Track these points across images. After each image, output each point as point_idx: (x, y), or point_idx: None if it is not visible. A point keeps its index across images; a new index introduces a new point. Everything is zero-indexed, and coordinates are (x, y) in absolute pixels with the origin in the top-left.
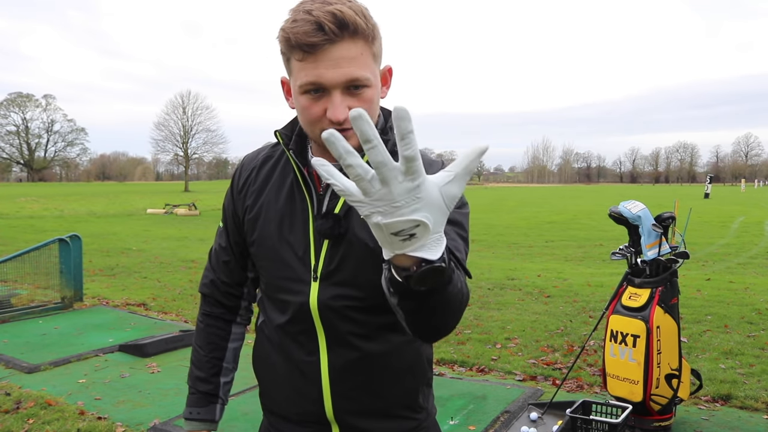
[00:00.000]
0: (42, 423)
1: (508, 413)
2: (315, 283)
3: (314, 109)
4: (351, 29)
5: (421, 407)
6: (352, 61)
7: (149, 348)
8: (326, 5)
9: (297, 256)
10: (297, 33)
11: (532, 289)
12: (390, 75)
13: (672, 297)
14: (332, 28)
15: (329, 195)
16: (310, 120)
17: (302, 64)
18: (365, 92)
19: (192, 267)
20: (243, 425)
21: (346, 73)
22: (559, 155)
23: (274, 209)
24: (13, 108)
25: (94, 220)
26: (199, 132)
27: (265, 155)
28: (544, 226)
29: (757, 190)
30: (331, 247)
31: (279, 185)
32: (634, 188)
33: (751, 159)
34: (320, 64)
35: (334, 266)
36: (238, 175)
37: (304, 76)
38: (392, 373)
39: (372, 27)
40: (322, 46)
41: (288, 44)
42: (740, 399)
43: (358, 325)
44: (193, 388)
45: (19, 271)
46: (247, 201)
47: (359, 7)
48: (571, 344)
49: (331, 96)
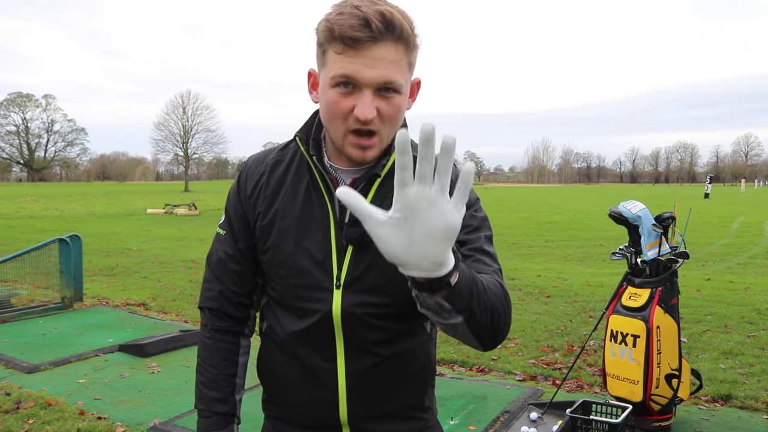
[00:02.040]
0: (42, 423)
1: (508, 413)
2: (338, 290)
3: (343, 103)
4: (397, 32)
5: (428, 407)
6: (391, 64)
7: (149, 348)
8: (375, 5)
9: (317, 264)
10: (342, 25)
11: (532, 289)
12: (418, 88)
13: (672, 297)
14: (379, 27)
15: None
16: (335, 114)
17: (340, 56)
18: (395, 98)
19: (192, 267)
20: (243, 425)
21: (383, 74)
22: (559, 155)
23: (291, 215)
24: (13, 108)
25: (94, 220)
26: (199, 132)
27: (275, 159)
28: (544, 226)
29: (757, 190)
30: (356, 254)
31: (293, 190)
32: (634, 188)
33: (751, 159)
34: (359, 60)
35: (358, 273)
36: (244, 180)
37: (339, 68)
38: (405, 375)
39: (415, 36)
40: (365, 42)
41: (330, 35)
42: (740, 399)
43: (378, 332)
44: (209, 410)
45: (19, 271)
46: (259, 207)
47: (407, 15)
48: (571, 344)
49: (362, 94)
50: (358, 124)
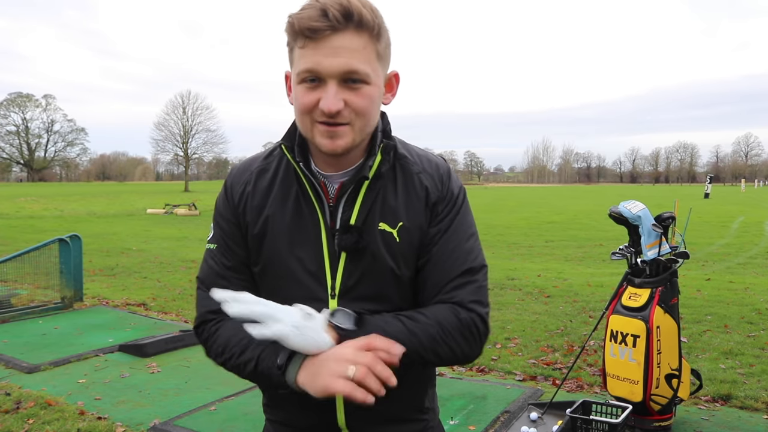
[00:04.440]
0: (42, 423)
1: (508, 413)
2: (333, 300)
3: (308, 97)
4: (356, 20)
5: (428, 408)
6: (354, 52)
7: (149, 348)
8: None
9: (310, 273)
10: (302, 18)
11: (532, 289)
12: (396, 81)
13: (672, 297)
14: (336, 15)
15: (342, 207)
16: (302, 109)
17: (303, 51)
18: (364, 89)
19: (192, 267)
20: (243, 425)
21: (345, 63)
22: (559, 155)
23: (281, 225)
24: (13, 108)
25: (94, 220)
26: (199, 132)
27: (259, 168)
28: (544, 226)
29: (757, 190)
30: (350, 261)
31: (282, 199)
32: (634, 188)
33: (751, 159)
34: (319, 51)
35: (353, 282)
36: (229, 192)
37: (302, 63)
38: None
39: (378, 24)
40: (323, 32)
41: (292, 30)
42: (740, 399)
43: None
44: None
45: (19, 271)
46: (247, 217)
47: (369, 4)
48: (571, 344)
49: (327, 86)
50: (325, 117)
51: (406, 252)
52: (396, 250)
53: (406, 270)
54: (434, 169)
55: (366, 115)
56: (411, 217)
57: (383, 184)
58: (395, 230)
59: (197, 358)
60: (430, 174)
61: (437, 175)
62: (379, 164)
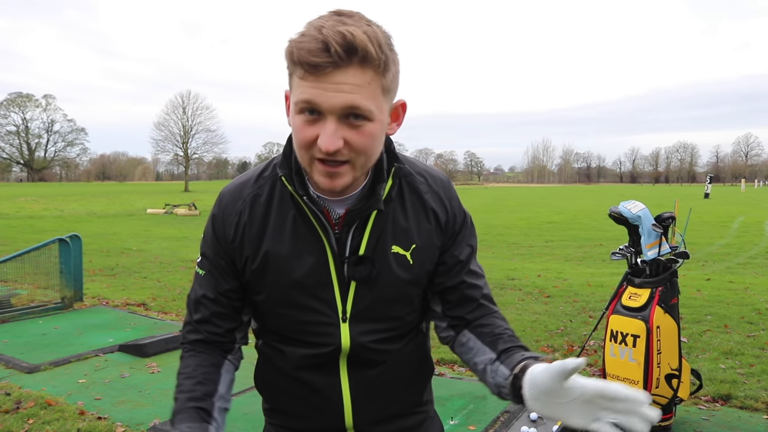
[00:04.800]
0: (42, 423)
1: (508, 413)
2: (345, 324)
3: (306, 132)
4: (360, 55)
5: (427, 400)
6: (356, 88)
7: (149, 348)
8: (340, 24)
9: (319, 299)
10: (301, 49)
11: (532, 289)
12: (403, 111)
13: (672, 297)
14: (338, 51)
15: (352, 234)
16: (300, 143)
17: (302, 81)
18: (366, 126)
19: (192, 267)
20: (243, 425)
21: (347, 99)
22: (559, 155)
23: (282, 255)
24: (13, 108)
25: (94, 220)
26: (199, 132)
27: (252, 194)
28: (544, 226)
29: (757, 190)
30: (360, 288)
31: (279, 227)
32: (634, 188)
33: (751, 159)
34: (320, 86)
35: (364, 306)
36: (221, 221)
37: (300, 93)
38: (407, 377)
39: (385, 57)
40: (324, 68)
41: (291, 59)
42: (740, 399)
43: (384, 353)
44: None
45: (19, 271)
46: (246, 251)
47: (375, 33)
48: (571, 344)
49: (326, 122)
50: (323, 155)
51: (419, 273)
52: (409, 272)
53: (418, 289)
54: (440, 186)
55: (367, 153)
56: (423, 238)
57: (393, 206)
58: (408, 253)
59: None
60: (436, 192)
61: (444, 193)
62: (389, 189)
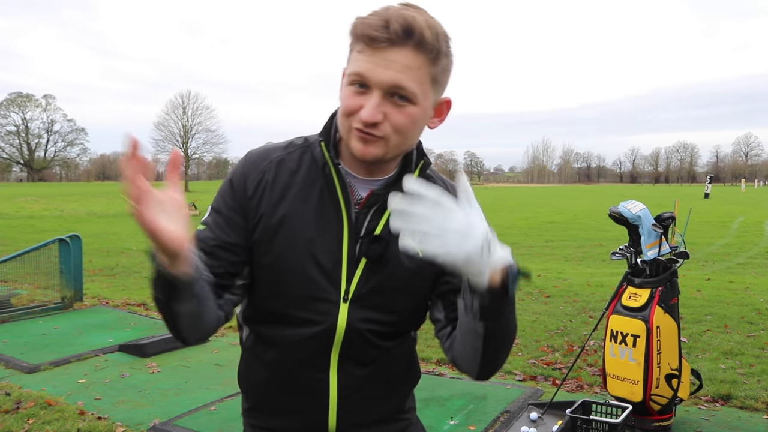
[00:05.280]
0: (42, 423)
1: (508, 413)
2: (345, 304)
3: (352, 101)
4: (416, 38)
5: (409, 408)
6: (405, 69)
7: (149, 348)
8: (405, 9)
9: (325, 274)
10: (365, 24)
11: (532, 289)
12: (447, 108)
13: (672, 297)
14: (397, 30)
15: (371, 215)
16: (344, 111)
17: (359, 55)
18: (408, 108)
19: None
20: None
21: (394, 77)
22: (559, 155)
23: (301, 221)
24: (13, 108)
25: (94, 220)
26: (199, 132)
27: (279, 158)
28: (544, 226)
29: (757, 190)
30: (369, 269)
31: (304, 196)
32: (634, 188)
33: (751, 159)
34: (373, 60)
35: (368, 289)
36: (242, 176)
37: (354, 65)
38: (394, 381)
39: (439, 47)
40: (381, 42)
41: (354, 32)
42: (740, 399)
43: (374, 348)
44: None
45: (19, 271)
46: (262, 208)
47: (435, 25)
48: (571, 344)
49: (371, 94)
50: (361, 124)
51: (426, 267)
52: (417, 263)
53: (422, 284)
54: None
55: (403, 134)
56: None
57: None
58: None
59: (197, 358)
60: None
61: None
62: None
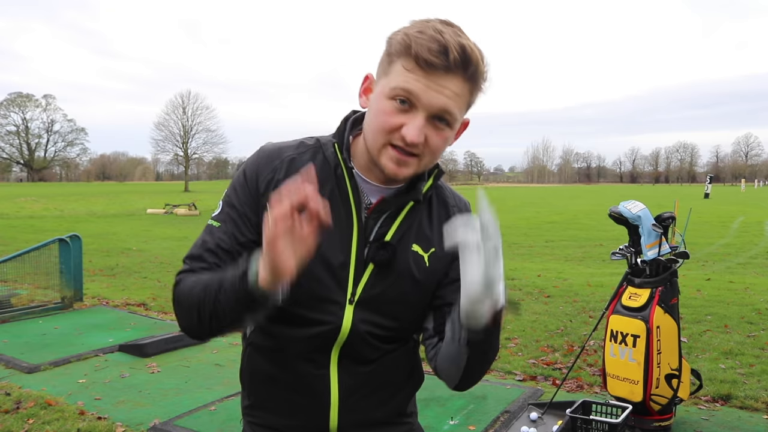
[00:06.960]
0: (42, 423)
1: (508, 413)
2: (350, 306)
3: (393, 118)
4: (471, 70)
5: (411, 412)
6: (454, 96)
7: (149, 348)
8: (458, 36)
9: (333, 275)
10: (421, 45)
11: (532, 289)
12: (464, 128)
13: (672, 297)
14: (456, 59)
15: (381, 221)
16: (382, 126)
17: (408, 72)
18: (446, 131)
19: None
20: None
21: (444, 103)
22: (559, 155)
23: None
24: (13, 108)
25: (94, 220)
26: (199, 132)
27: (291, 157)
28: (544, 226)
29: (757, 190)
30: (376, 273)
31: None
32: (634, 188)
33: (751, 159)
34: (425, 82)
35: (375, 293)
36: (255, 173)
37: (403, 81)
38: (396, 384)
39: (484, 80)
40: (438, 69)
41: (405, 49)
42: (740, 399)
43: (374, 350)
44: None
45: (19, 271)
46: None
47: (485, 57)
48: (571, 344)
49: (416, 115)
50: (402, 143)
51: (431, 277)
52: (423, 274)
53: (425, 294)
54: (463, 206)
55: (435, 154)
56: (442, 246)
57: (421, 211)
58: (427, 255)
59: (197, 358)
60: (460, 210)
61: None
62: (428, 189)
